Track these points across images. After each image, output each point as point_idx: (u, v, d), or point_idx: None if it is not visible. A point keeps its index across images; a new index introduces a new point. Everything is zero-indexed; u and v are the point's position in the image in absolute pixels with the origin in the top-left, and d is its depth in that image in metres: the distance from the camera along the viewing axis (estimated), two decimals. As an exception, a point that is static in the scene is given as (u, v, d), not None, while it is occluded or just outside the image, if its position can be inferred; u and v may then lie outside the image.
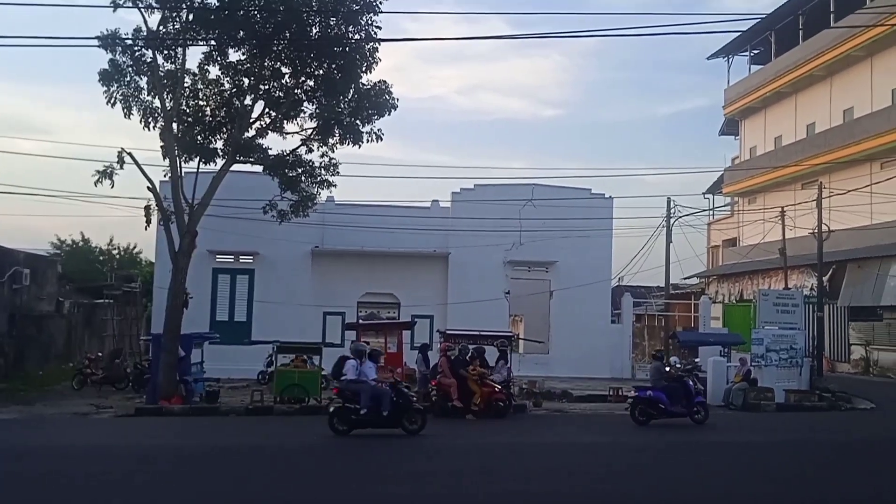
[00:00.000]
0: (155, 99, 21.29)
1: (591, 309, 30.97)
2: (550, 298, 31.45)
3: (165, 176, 21.97)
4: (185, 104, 22.03)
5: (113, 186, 20.59)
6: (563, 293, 30.93)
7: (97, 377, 24.32)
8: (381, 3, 20.78)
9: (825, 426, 19.32)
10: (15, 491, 10.56)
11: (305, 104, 22.31)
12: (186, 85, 22.01)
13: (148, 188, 21.34)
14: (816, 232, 30.51)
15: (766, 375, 23.36)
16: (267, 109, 22.33)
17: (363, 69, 21.41)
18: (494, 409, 19.18)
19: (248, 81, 22.00)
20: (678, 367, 24.17)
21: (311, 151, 22.72)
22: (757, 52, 47.77)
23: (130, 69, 21.07)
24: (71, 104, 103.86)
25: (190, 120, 22.19)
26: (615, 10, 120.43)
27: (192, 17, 20.89)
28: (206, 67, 22.15)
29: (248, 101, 22.17)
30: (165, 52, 21.44)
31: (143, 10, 20.61)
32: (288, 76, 21.98)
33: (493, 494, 10.65)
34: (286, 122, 22.51)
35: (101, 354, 26.62)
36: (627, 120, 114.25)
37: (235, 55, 21.81)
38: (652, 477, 12.22)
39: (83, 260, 40.83)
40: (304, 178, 22.81)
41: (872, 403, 23.72)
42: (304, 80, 21.99)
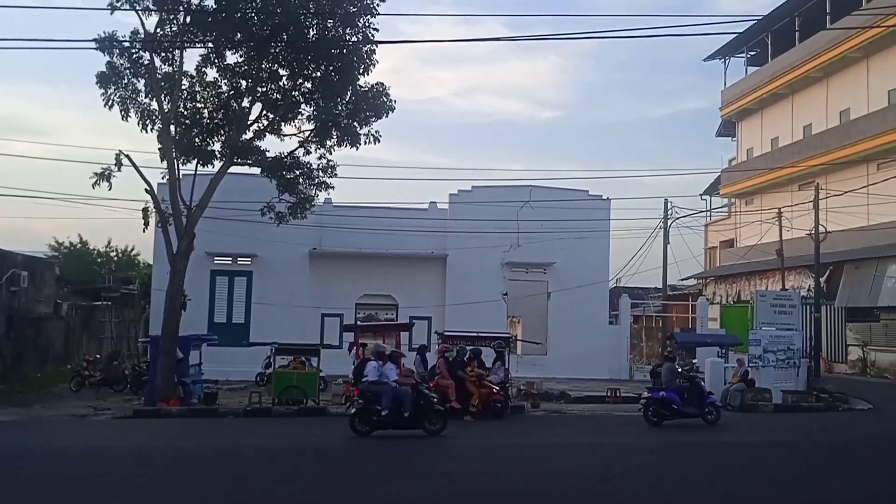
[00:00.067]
0: (152, 101, 21.31)
1: (588, 310, 31.00)
2: (548, 300, 31.50)
3: (163, 178, 21.98)
4: (182, 106, 22.05)
5: (111, 189, 20.66)
6: (560, 294, 30.96)
7: (95, 379, 24.31)
8: (378, 5, 20.86)
9: (823, 427, 19.34)
10: (13, 492, 10.57)
11: (303, 106, 22.33)
12: (184, 87, 22.02)
13: (146, 190, 21.39)
14: (813, 233, 30.55)
15: (763, 376, 23.41)
16: (264, 111, 22.36)
17: (360, 71, 21.43)
18: (492, 410, 19.21)
19: (245, 84, 22.03)
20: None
21: (308, 153, 22.78)
22: (753, 53, 47.83)
23: (128, 71, 21.07)
24: (68, 106, 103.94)
25: (187, 122, 22.21)
26: (612, 12, 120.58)
27: (189, 19, 20.91)
28: (203, 70, 22.20)
29: (245, 103, 22.20)
30: (163, 54, 21.44)
31: (140, 12, 20.62)
32: (285, 78, 22.00)
33: (491, 495, 10.68)
34: (284, 124, 22.53)
35: (99, 356, 26.64)
36: (624, 121, 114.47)
37: (233, 57, 21.87)
38: (652, 477, 12.25)
39: (81, 262, 40.82)
40: (301, 179, 22.85)
41: (870, 404, 23.76)
42: (301, 82, 22.02)
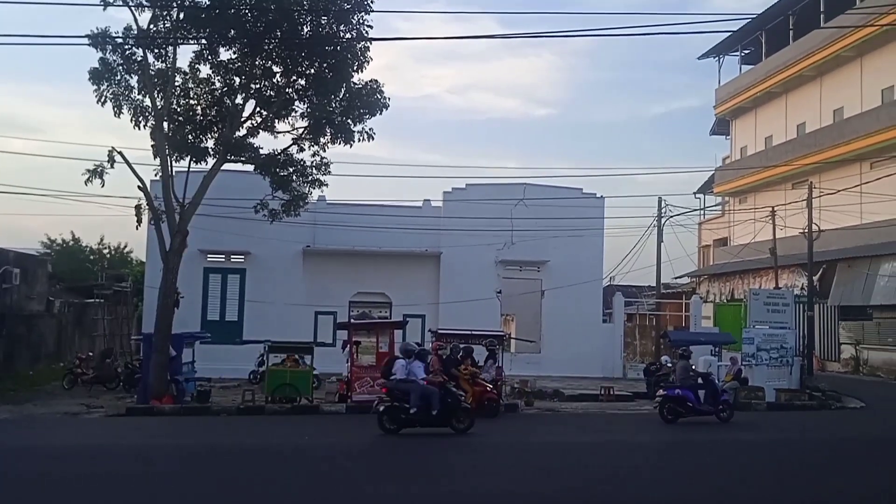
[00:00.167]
0: (145, 98, 21.24)
1: (582, 308, 31.00)
2: (542, 298, 31.49)
3: (156, 175, 21.89)
4: (175, 103, 21.98)
5: (104, 185, 20.53)
6: (554, 293, 30.97)
7: (88, 377, 24.24)
8: (372, 2, 20.81)
9: (817, 425, 19.41)
10: (5, 491, 10.52)
11: (297, 103, 22.30)
12: (177, 84, 21.95)
13: (139, 187, 21.29)
14: (807, 231, 30.61)
15: (756, 374, 23.46)
16: (258, 108, 22.30)
17: (354, 68, 21.39)
18: (486, 408, 19.18)
19: (239, 80, 21.96)
20: (668, 366, 24.34)
21: (302, 151, 22.70)
22: (748, 52, 47.92)
23: (121, 68, 20.99)
24: (61, 103, 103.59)
25: (181, 119, 22.13)
26: (607, 10, 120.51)
27: (182, 15, 20.84)
28: (196, 66, 22.11)
29: (239, 100, 22.14)
30: (156, 50, 21.38)
31: (133, 8, 20.56)
32: (279, 75, 21.95)
33: (491, 495, 10.68)
34: (277, 121, 22.48)
35: (91, 354, 26.54)
36: (619, 120, 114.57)
37: (226, 54, 21.82)
38: (650, 475, 12.28)
39: (74, 259, 40.65)
40: (295, 177, 22.77)
41: (862, 402, 23.83)
42: (295, 79, 21.97)
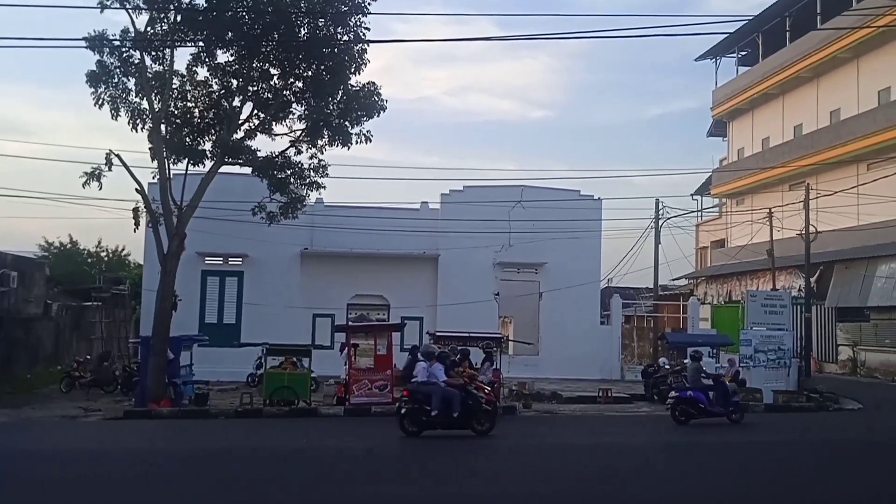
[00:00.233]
0: (143, 100, 21.23)
1: (580, 310, 31.01)
2: (540, 300, 31.48)
3: (154, 178, 21.90)
4: (173, 105, 21.97)
5: (101, 188, 20.52)
6: (552, 294, 30.97)
7: (85, 380, 24.21)
8: (369, 4, 20.83)
9: (815, 427, 19.46)
10: (4, 494, 10.51)
11: (294, 105, 22.31)
12: (174, 86, 21.95)
13: (136, 190, 21.27)
14: (804, 233, 30.64)
15: (754, 376, 23.48)
16: (255, 111, 22.29)
17: (352, 70, 21.41)
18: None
19: (236, 83, 21.96)
20: (666, 368, 24.37)
21: (299, 153, 22.73)
22: (744, 53, 47.99)
23: (118, 70, 20.98)
24: (58, 105, 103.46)
25: (178, 121, 22.13)
26: (603, 12, 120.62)
27: (179, 18, 20.83)
28: (194, 69, 22.12)
29: (236, 102, 22.13)
30: (153, 53, 21.38)
31: (130, 10, 20.55)
32: (276, 77, 21.96)
33: (492, 496, 10.68)
34: (275, 123, 22.48)
35: (89, 357, 26.52)
36: (616, 121, 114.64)
37: (224, 56, 21.82)
38: (651, 477, 12.27)
39: (71, 262, 40.60)
40: (292, 179, 22.78)
41: (860, 404, 23.88)
42: (292, 81, 21.97)
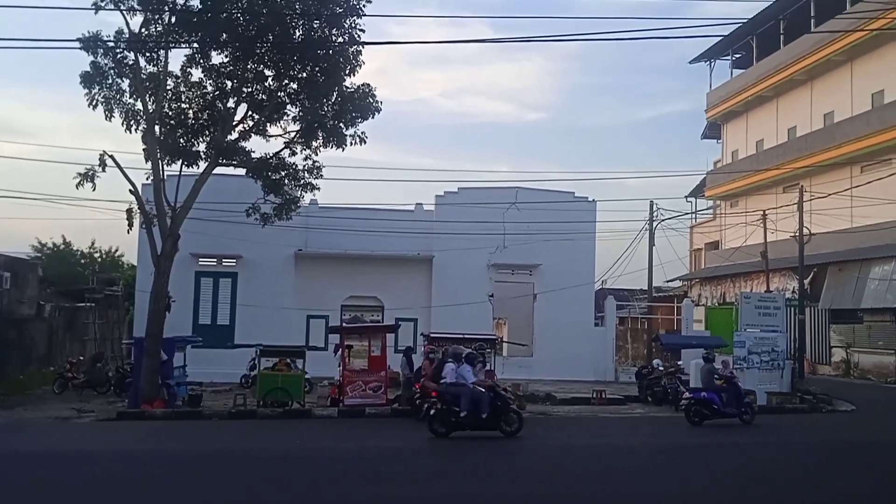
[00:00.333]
0: (137, 101, 21.19)
1: (574, 312, 31.05)
2: (534, 301, 31.53)
3: (147, 179, 21.83)
4: (167, 107, 21.95)
5: (95, 189, 20.52)
6: (546, 296, 31.00)
7: (78, 381, 24.16)
8: (364, 6, 20.82)
9: (809, 428, 19.51)
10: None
11: (289, 107, 22.28)
12: (169, 87, 21.92)
13: (130, 191, 21.24)
14: (798, 235, 30.71)
15: (748, 378, 23.47)
16: (250, 112, 22.28)
17: (346, 72, 21.40)
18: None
19: (230, 84, 21.94)
20: (660, 369, 24.38)
21: (294, 154, 22.69)
22: (739, 56, 48.09)
23: (112, 71, 20.94)
24: (52, 106, 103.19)
25: (172, 122, 22.10)
26: (598, 14, 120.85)
27: (174, 19, 20.80)
28: (188, 70, 22.10)
29: (230, 103, 22.11)
30: (147, 54, 21.35)
31: (124, 12, 20.48)
32: (271, 79, 21.94)
33: (484, 496, 10.68)
34: (269, 124, 22.47)
35: (82, 358, 26.48)
36: (610, 123, 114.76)
37: (218, 58, 21.80)
38: (649, 479, 12.26)
39: (64, 263, 40.53)
40: (287, 181, 22.77)
41: (853, 405, 23.93)
42: (287, 82, 21.96)
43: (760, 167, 42.16)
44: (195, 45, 21.25)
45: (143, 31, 20.98)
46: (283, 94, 22.07)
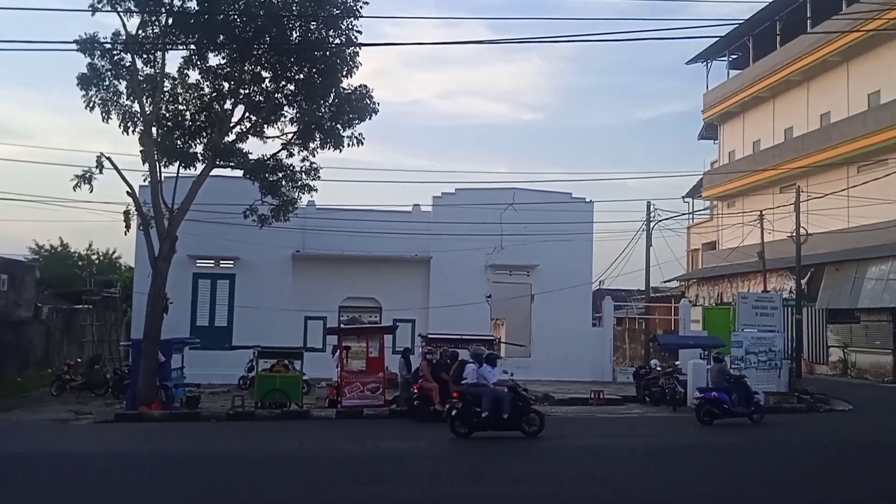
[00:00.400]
0: (134, 103, 21.18)
1: (572, 312, 31.05)
2: (532, 302, 31.54)
3: (145, 180, 21.82)
4: (164, 108, 21.95)
5: (92, 191, 20.49)
6: (544, 297, 31.01)
7: (76, 383, 24.13)
8: (361, 7, 20.82)
9: (806, 428, 19.54)
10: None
11: (286, 108, 22.29)
12: (166, 89, 21.92)
13: (127, 193, 21.22)
14: (794, 235, 30.76)
15: (745, 378, 23.51)
16: (247, 114, 22.28)
17: (344, 73, 21.42)
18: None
19: (227, 86, 21.94)
20: (658, 369, 24.41)
21: (291, 156, 22.69)
22: (735, 56, 48.17)
23: (109, 73, 20.94)
24: (49, 108, 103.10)
25: (169, 124, 22.10)
26: (595, 15, 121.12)
27: (171, 20, 20.81)
28: (185, 71, 22.11)
29: (228, 105, 22.12)
30: (144, 56, 21.33)
31: (121, 13, 20.47)
32: (268, 80, 21.95)
33: (481, 496, 10.69)
34: (266, 126, 22.47)
35: (80, 360, 26.43)
36: (607, 124, 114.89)
37: (215, 59, 21.82)
38: (648, 479, 12.30)
39: (62, 265, 40.47)
40: (284, 182, 22.77)
41: (850, 405, 23.98)
42: (284, 84, 21.97)
43: (757, 167, 42.23)
44: (192, 46, 21.25)
45: (139, 32, 20.97)
46: (280, 95, 22.08)
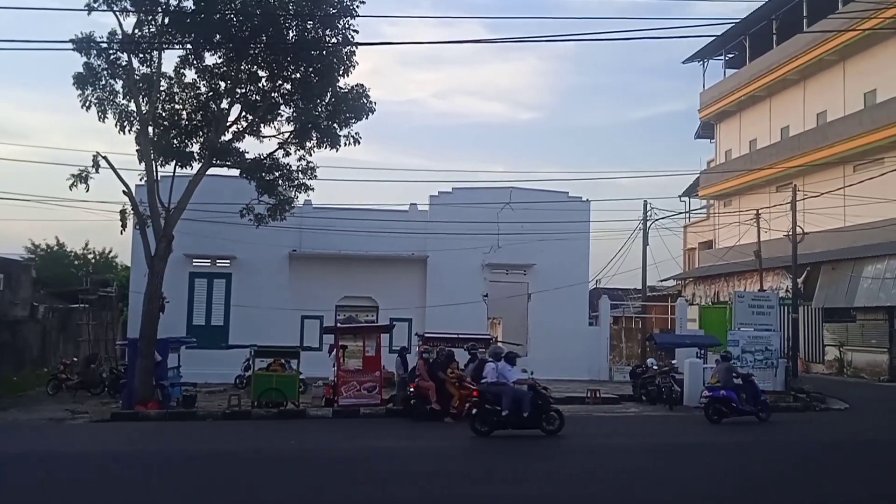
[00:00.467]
0: (130, 102, 21.16)
1: (568, 311, 31.07)
2: (528, 301, 31.55)
3: (141, 180, 21.82)
4: (160, 108, 21.90)
5: (88, 190, 20.45)
6: (541, 296, 31.03)
7: (72, 382, 24.12)
8: (357, 6, 20.82)
9: (802, 427, 19.56)
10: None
11: (282, 108, 22.27)
12: (162, 88, 21.87)
13: (123, 192, 21.21)
14: (791, 234, 30.80)
15: (741, 377, 23.55)
16: (243, 113, 22.25)
17: (340, 73, 21.40)
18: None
19: (224, 85, 21.92)
20: (654, 368, 24.45)
21: (288, 155, 22.69)
22: (732, 56, 48.21)
23: (105, 72, 20.90)
24: (45, 107, 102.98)
25: (166, 123, 22.06)
26: (591, 14, 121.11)
27: (167, 20, 20.78)
28: (182, 71, 22.06)
29: (224, 104, 22.09)
30: (141, 55, 21.30)
31: (117, 13, 20.44)
32: (265, 80, 21.93)
33: (476, 496, 10.70)
34: (263, 125, 22.45)
35: (76, 359, 26.41)
36: (604, 123, 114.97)
37: (212, 58, 21.76)
38: (649, 479, 12.30)
39: (58, 264, 40.44)
40: (281, 181, 22.76)
41: (846, 404, 24.01)
42: (280, 83, 21.95)
43: (753, 167, 42.28)
44: (188, 45, 21.23)
45: (136, 32, 20.94)
46: (276, 94, 22.06)
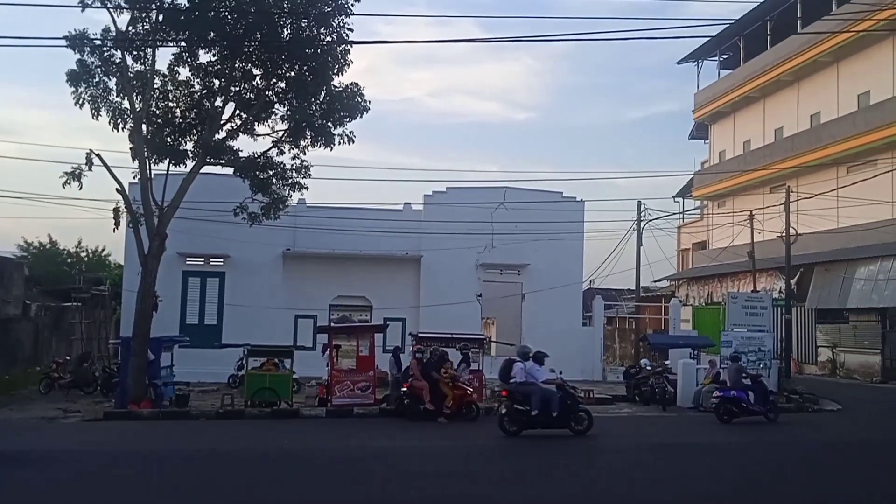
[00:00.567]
0: (124, 100, 21.07)
1: (562, 312, 31.08)
2: (522, 301, 31.55)
3: (134, 178, 21.70)
4: (154, 105, 21.84)
5: (81, 188, 20.35)
6: (534, 296, 31.02)
7: (65, 381, 24.01)
8: (352, 5, 20.76)
9: (796, 427, 19.63)
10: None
11: (276, 106, 22.19)
12: (156, 86, 21.81)
13: (117, 190, 21.13)
14: (784, 235, 30.86)
15: (734, 377, 23.58)
16: (238, 111, 22.19)
17: (335, 71, 21.32)
18: (466, 411, 19.21)
19: (218, 83, 21.85)
20: (648, 369, 24.47)
21: (282, 153, 22.60)
22: (726, 56, 48.32)
23: (99, 70, 20.81)
24: (38, 105, 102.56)
25: (160, 121, 21.99)
26: (586, 14, 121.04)
27: (161, 17, 20.68)
28: (176, 68, 21.97)
29: (218, 102, 22.01)
30: (135, 52, 21.20)
31: (111, 10, 20.36)
32: (259, 78, 21.86)
33: (472, 496, 10.68)
34: (257, 123, 22.38)
35: (68, 358, 26.30)
36: (598, 123, 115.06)
37: (206, 56, 21.67)
38: (646, 478, 12.31)
39: (51, 262, 40.24)
40: (275, 180, 22.68)
41: (839, 405, 24.08)
42: (275, 81, 21.88)
43: (747, 167, 42.37)
44: (183, 43, 21.15)
45: (130, 29, 20.85)
46: (270, 92, 21.99)
